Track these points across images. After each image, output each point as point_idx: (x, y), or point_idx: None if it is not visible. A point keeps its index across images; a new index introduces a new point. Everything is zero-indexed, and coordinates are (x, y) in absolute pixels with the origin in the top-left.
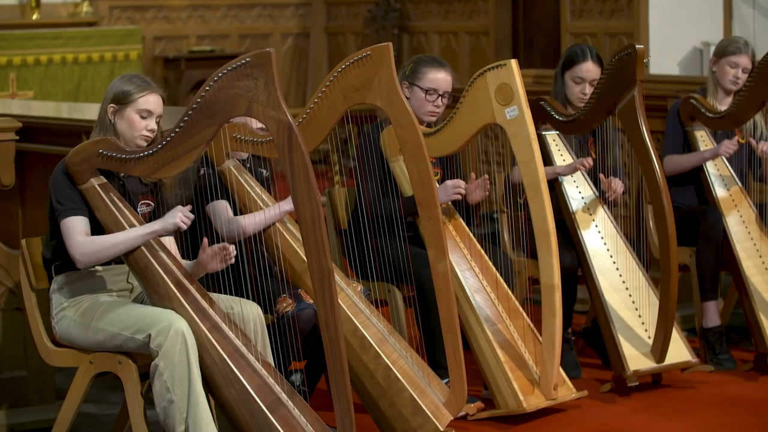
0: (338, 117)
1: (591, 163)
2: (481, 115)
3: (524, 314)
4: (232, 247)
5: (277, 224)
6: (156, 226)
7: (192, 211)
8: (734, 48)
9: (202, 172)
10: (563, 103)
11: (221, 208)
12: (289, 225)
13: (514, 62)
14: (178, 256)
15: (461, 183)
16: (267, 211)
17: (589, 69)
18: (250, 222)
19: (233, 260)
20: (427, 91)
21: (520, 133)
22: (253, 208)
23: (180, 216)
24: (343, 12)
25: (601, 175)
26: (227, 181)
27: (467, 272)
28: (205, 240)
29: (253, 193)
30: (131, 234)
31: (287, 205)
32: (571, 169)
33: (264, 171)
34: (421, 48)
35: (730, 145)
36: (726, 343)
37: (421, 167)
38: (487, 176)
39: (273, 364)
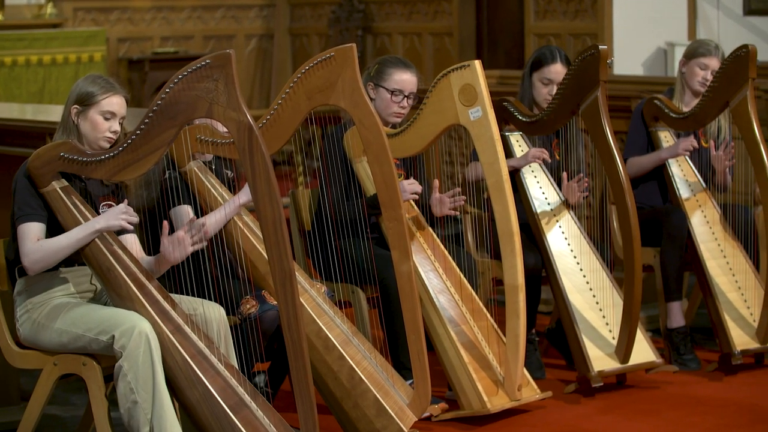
0: (302, 118)
1: (547, 154)
2: (445, 116)
3: (488, 315)
4: (197, 220)
5: (241, 225)
6: (99, 224)
7: (155, 214)
8: (705, 50)
9: (167, 174)
10: (530, 104)
11: (183, 213)
12: (253, 226)
13: (477, 63)
14: (143, 256)
15: (418, 188)
16: (226, 207)
17: (558, 71)
18: (212, 221)
19: (203, 243)
20: (392, 92)
21: (483, 134)
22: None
23: (123, 217)
24: (307, 13)
25: (564, 175)
26: (191, 182)
27: (431, 273)
28: (165, 223)
29: (216, 195)
30: (76, 235)
31: (244, 196)
32: (525, 161)
33: (228, 172)
34: (385, 49)
35: (688, 144)
36: (690, 344)
37: (385, 168)
38: (460, 192)
39: (236, 366)
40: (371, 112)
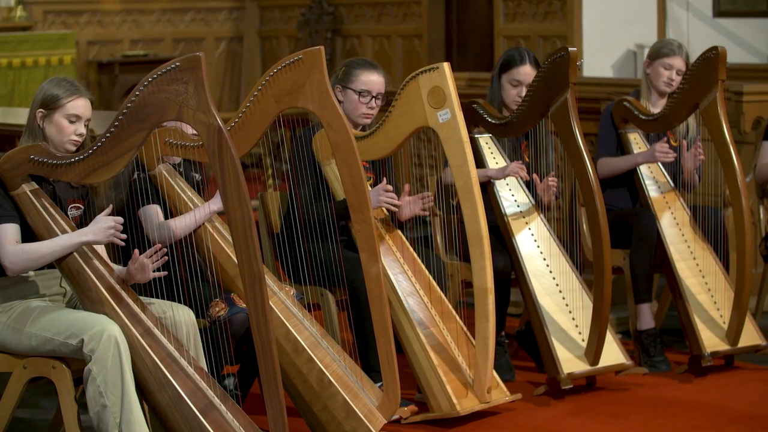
0: (270, 121)
1: (525, 171)
2: (414, 119)
3: (457, 317)
4: (163, 250)
5: (210, 228)
6: (88, 237)
7: (123, 216)
8: (668, 50)
9: (135, 176)
10: (499, 106)
11: (151, 212)
12: (222, 229)
13: (446, 65)
14: (108, 260)
15: (395, 201)
16: (197, 212)
17: (527, 72)
18: (180, 225)
19: (162, 273)
20: (360, 93)
21: (452, 137)
22: (184, 212)
23: (113, 233)
24: (277, 15)
25: (535, 176)
26: (160, 185)
27: (400, 276)
28: (136, 251)
29: (185, 197)
30: (62, 243)
31: (215, 204)
32: (503, 174)
33: (196, 175)
34: (355, 51)
35: (666, 152)
36: (660, 346)
37: (353, 171)
38: (429, 195)
39: (206, 369)
40: (339, 115)
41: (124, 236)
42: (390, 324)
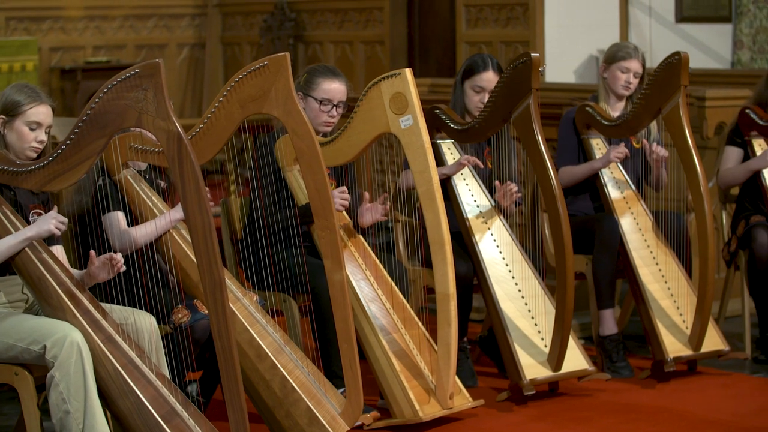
0: (235, 127)
1: (476, 159)
2: (376, 125)
3: (419, 323)
4: (119, 256)
5: (174, 234)
6: (30, 232)
7: (86, 221)
8: (624, 53)
9: (99, 182)
10: (462, 112)
11: (114, 219)
12: (186, 235)
13: (408, 71)
14: (68, 266)
15: (346, 201)
16: (158, 221)
17: (489, 78)
18: (142, 233)
19: (123, 268)
20: (321, 102)
21: (414, 143)
22: (149, 218)
23: (53, 222)
24: (239, 22)
25: (497, 183)
26: (123, 190)
27: (362, 282)
28: (92, 252)
29: (149, 203)
30: (6, 243)
31: (177, 213)
32: (457, 167)
33: (162, 182)
34: (317, 57)
35: (620, 150)
36: (623, 351)
37: (318, 177)
38: (385, 200)
39: (167, 375)
40: (304, 121)
41: (65, 221)
42: (353, 330)
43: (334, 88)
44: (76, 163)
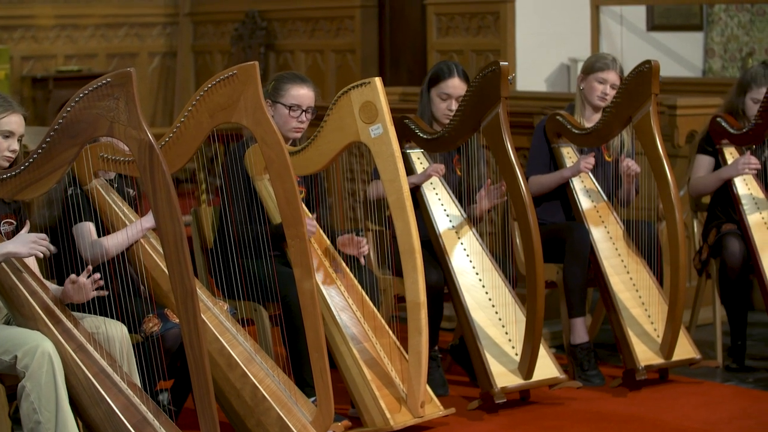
0: (205, 136)
1: (443, 169)
2: (346, 134)
3: (390, 332)
4: (97, 275)
5: (144, 244)
6: (8, 248)
7: (57, 232)
8: (602, 64)
9: (69, 191)
10: (429, 120)
11: (85, 230)
12: (156, 244)
13: (378, 80)
14: (40, 276)
15: (315, 225)
16: (128, 230)
17: (456, 85)
18: (113, 243)
19: (103, 292)
20: (290, 108)
21: (384, 152)
22: (119, 228)
23: (37, 249)
24: (210, 30)
25: (481, 192)
26: (93, 200)
27: (333, 290)
28: (73, 275)
29: (119, 213)
30: None
31: (148, 221)
32: (425, 177)
33: (130, 190)
34: (288, 66)
35: (589, 161)
36: (594, 360)
37: (287, 186)
38: (365, 244)
39: (139, 384)
40: (273, 130)
41: (46, 251)
42: (324, 340)
43: (303, 93)
44: (48, 172)
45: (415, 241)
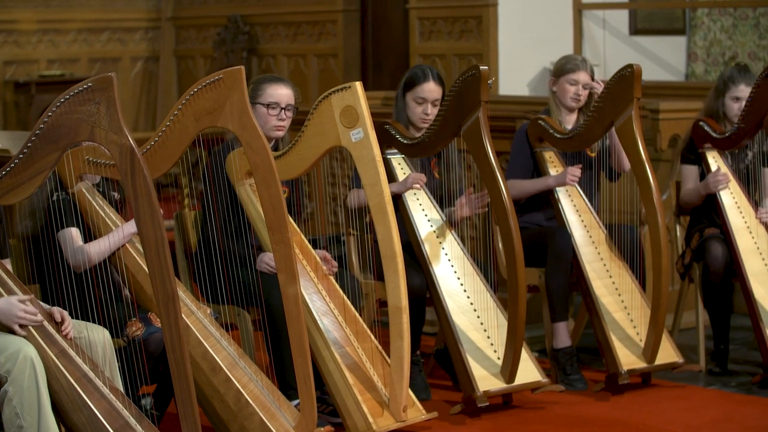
0: (190, 140)
1: (425, 178)
2: (327, 138)
3: (372, 336)
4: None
5: (128, 247)
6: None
7: (41, 238)
8: (572, 66)
9: (54, 197)
10: (406, 124)
11: (69, 236)
12: (141, 248)
13: (358, 85)
14: (22, 285)
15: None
16: (111, 236)
17: (431, 89)
18: (95, 250)
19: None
20: (268, 106)
21: (365, 156)
22: (104, 231)
23: (20, 316)
24: (192, 35)
25: (462, 199)
26: (79, 203)
27: (314, 295)
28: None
29: (104, 216)
30: None
31: (131, 227)
32: (406, 186)
33: (115, 194)
34: (270, 70)
35: (575, 173)
36: (577, 364)
37: (272, 192)
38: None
39: (121, 389)
40: (259, 135)
41: (35, 320)
42: (307, 345)
43: (280, 92)
44: (30, 177)
45: (397, 245)
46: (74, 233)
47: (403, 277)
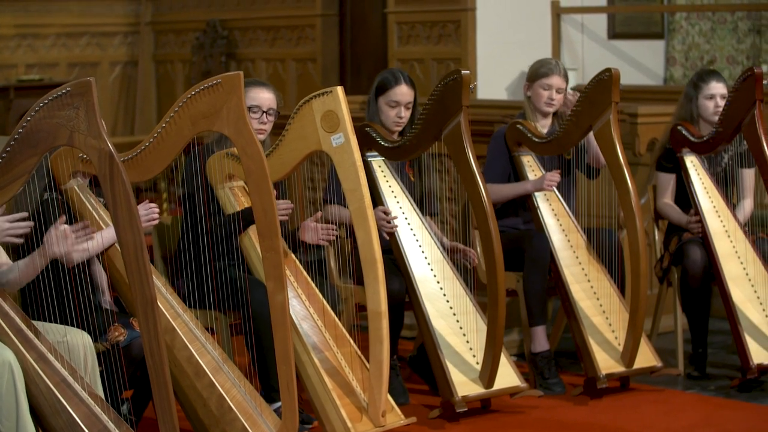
0: (185, 143)
1: (559, 178)
2: (307, 143)
3: (351, 341)
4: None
5: (118, 248)
6: None
7: (32, 237)
8: (546, 70)
9: (45, 197)
10: None
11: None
12: None
13: (339, 89)
14: (7, 261)
15: (288, 209)
16: (98, 236)
17: (403, 92)
18: (83, 248)
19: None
20: (249, 109)
21: (346, 161)
22: (96, 229)
23: (9, 232)
24: (171, 40)
25: (452, 246)
26: (71, 201)
27: (294, 300)
28: (62, 218)
29: (95, 215)
30: None
31: (108, 234)
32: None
33: (101, 199)
34: (249, 75)
35: (554, 178)
36: (555, 368)
37: (265, 198)
38: (322, 218)
39: (102, 393)
40: (254, 141)
41: (21, 235)
42: (292, 352)
43: (262, 95)
44: (9, 182)
45: (377, 251)
46: (66, 228)
47: (382, 282)
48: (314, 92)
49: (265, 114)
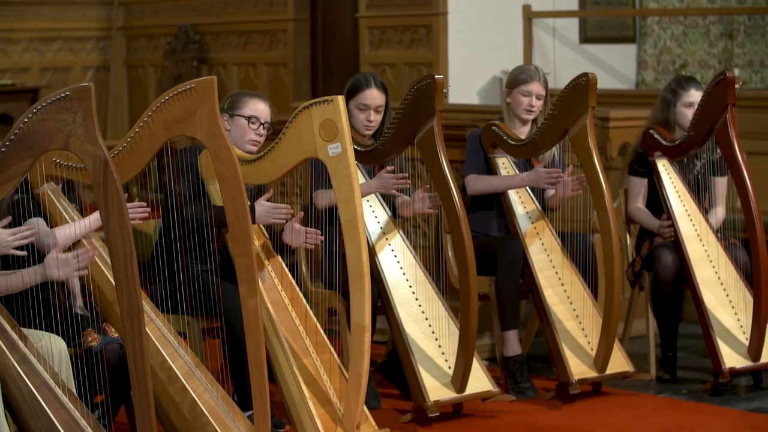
0: (158, 147)
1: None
2: (304, 149)
3: (331, 348)
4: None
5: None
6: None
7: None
8: (525, 76)
9: (16, 197)
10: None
11: (34, 222)
12: (104, 253)
13: (340, 99)
14: None
15: (283, 211)
16: (77, 226)
17: (374, 96)
18: (62, 234)
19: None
20: (249, 119)
21: (341, 171)
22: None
23: (9, 239)
24: (143, 44)
25: (416, 195)
26: (43, 205)
27: (277, 303)
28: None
29: (68, 219)
30: None
31: (97, 221)
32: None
33: (74, 205)
34: (221, 79)
35: (552, 176)
36: (527, 372)
37: (238, 203)
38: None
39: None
40: (227, 146)
41: (21, 248)
42: (264, 358)
43: (261, 108)
44: (2, 182)
45: (365, 263)
46: (41, 221)
47: (368, 295)
48: (314, 99)
49: (262, 126)
